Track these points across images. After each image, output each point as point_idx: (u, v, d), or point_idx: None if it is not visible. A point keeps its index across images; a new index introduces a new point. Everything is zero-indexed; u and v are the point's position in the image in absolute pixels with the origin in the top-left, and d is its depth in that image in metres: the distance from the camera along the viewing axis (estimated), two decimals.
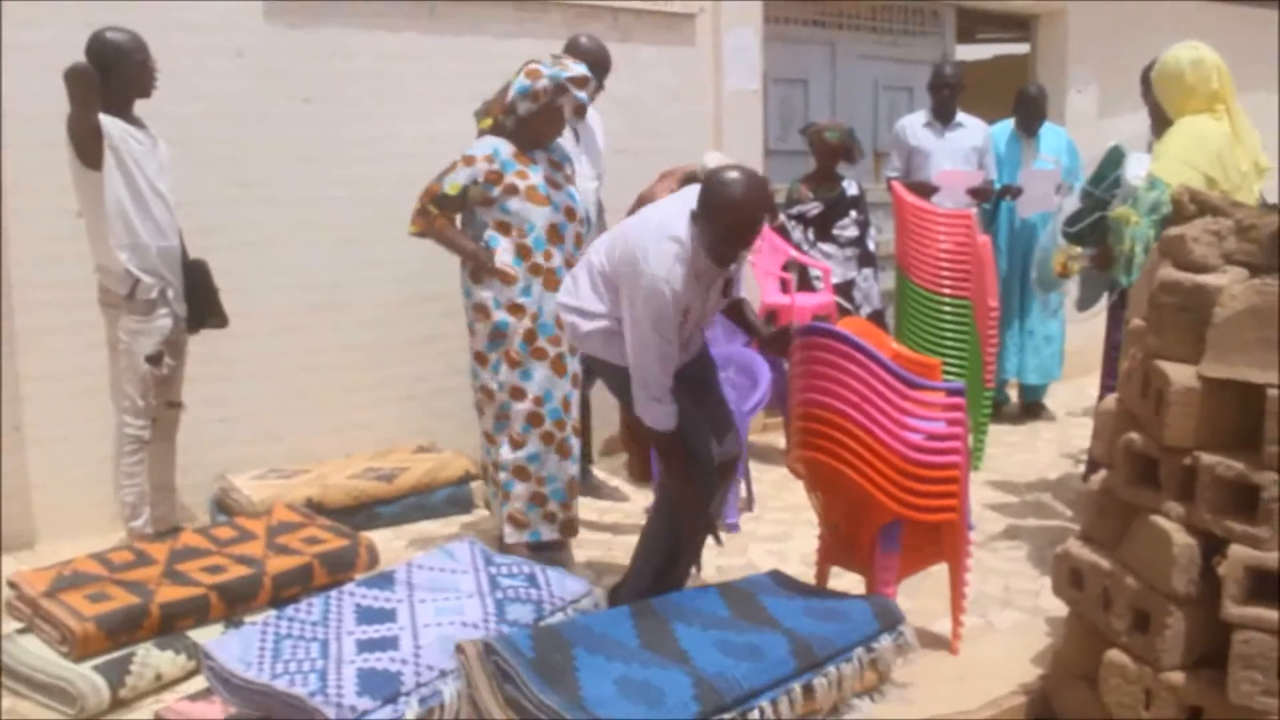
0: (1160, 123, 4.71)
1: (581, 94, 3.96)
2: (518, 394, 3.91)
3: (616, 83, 5.06)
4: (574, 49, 4.61)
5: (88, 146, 3.65)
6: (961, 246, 5.00)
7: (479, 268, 3.90)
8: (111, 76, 3.70)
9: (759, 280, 5.45)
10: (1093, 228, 4.09)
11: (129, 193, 3.72)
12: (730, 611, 3.08)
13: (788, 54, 6.26)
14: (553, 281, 3.92)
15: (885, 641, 3.00)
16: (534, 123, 3.92)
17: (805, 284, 5.63)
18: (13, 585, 3.38)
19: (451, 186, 3.88)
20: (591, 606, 3.34)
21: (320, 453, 4.83)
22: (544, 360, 3.93)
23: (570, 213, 4.01)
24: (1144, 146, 5.90)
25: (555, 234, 3.96)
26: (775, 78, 6.18)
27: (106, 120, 3.66)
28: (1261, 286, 2.49)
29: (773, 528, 4.47)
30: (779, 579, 3.38)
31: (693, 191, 3.16)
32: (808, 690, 2.78)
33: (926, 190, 5.61)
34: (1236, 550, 2.47)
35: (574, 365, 4.05)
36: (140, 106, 3.88)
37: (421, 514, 4.52)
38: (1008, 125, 6.23)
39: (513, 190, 3.88)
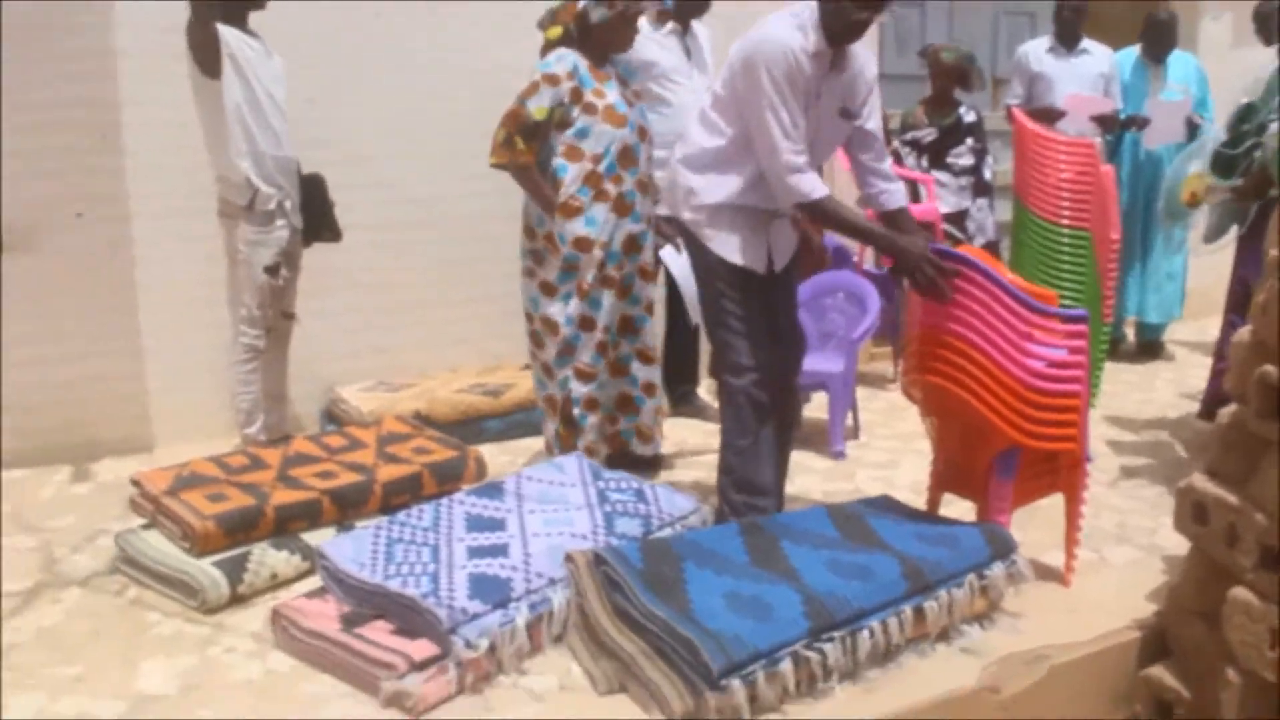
0: None
1: None
2: (587, 324, 3.83)
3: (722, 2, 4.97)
4: None
5: (206, 54, 3.69)
6: (1083, 176, 4.81)
7: (547, 212, 3.81)
8: None
9: None
10: (1245, 154, 3.89)
11: (247, 101, 3.76)
12: (839, 532, 3.06)
13: None
14: (623, 207, 3.81)
15: (997, 569, 2.95)
16: (606, 32, 3.76)
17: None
18: (136, 483, 3.50)
19: (538, 110, 3.69)
20: (699, 523, 3.35)
21: (422, 366, 4.90)
22: (612, 288, 3.85)
23: (643, 131, 3.88)
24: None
25: (629, 156, 3.82)
26: None
27: (223, 29, 3.69)
28: None
29: (881, 455, 4.42)
30: (889, 503, 3.35)
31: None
32: (918, 613, 2.76)
33: (1049, 116, 5.42)
34: None
35: (648, 291, 3.98)
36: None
37: (527, 431, 4.54)
38: (1133, 53, 5.98)
39: (590, 110, 3.73)
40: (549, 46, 3.85)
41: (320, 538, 3.23)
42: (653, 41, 4.45)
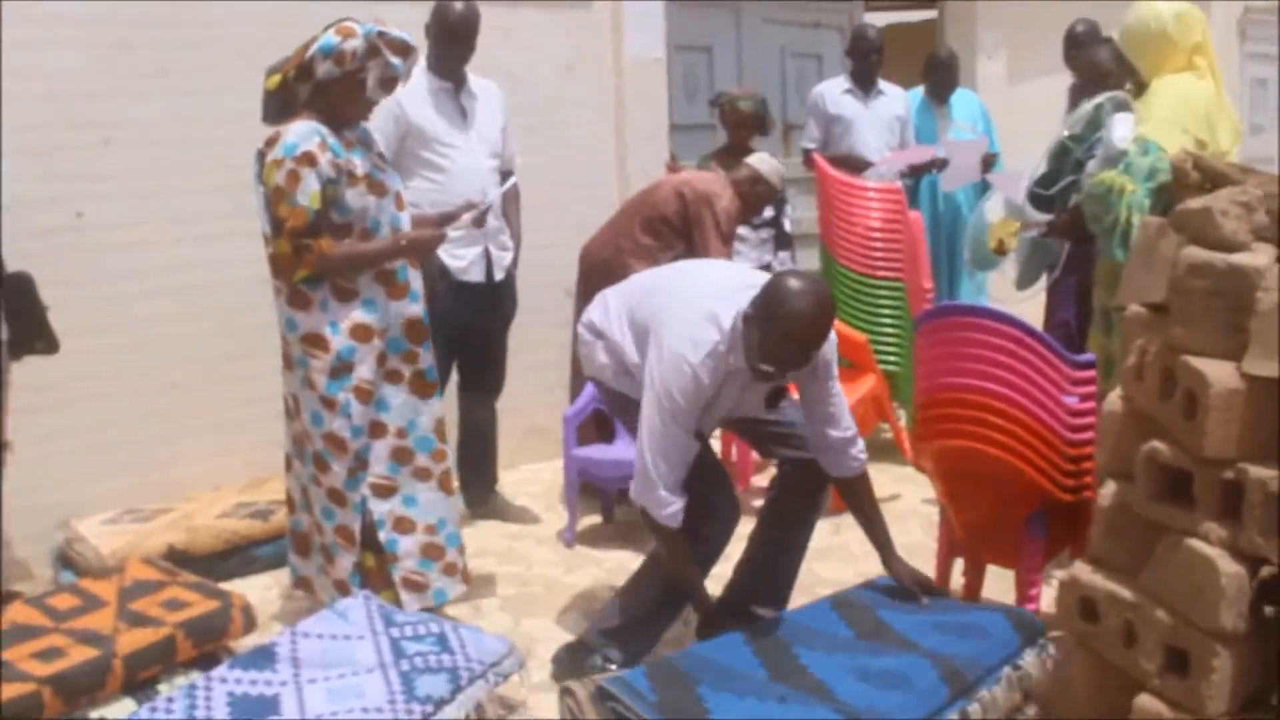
0: (1092, 83, 4.39)
1: (396, 61, 3.22)
2: (378, 430, 3.25)
3: (507, 51, 4.59)
4: (445, 13, 3.96)
5: None
6: (892, 224, 4.61)
7: (421, 253, 3.31)
8: None
9: None
10: (1062, 193, 3.70)
11: None
12: (853, 630, 2.80)
13: (690, 19, 5.77)
14: (398, 289, 3.27)
15: (1029, 656, 2.71)
16: (334, 91, 3.17)
17: None
18: None
19: (313, 199, 3.09)
20: (515, 668, 2.83)
21: (183, 485, 4.19)
22: (400, 383, 3.29)
23: (400, 201, 3.34)
24: (1061, 113, 5.62)
25: (395, 230, 3.29)
26: (677, 45, 5.68)
27: None
28: None
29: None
30: (889, 589, 3.03)
31: (749, 273, 3.03)
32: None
33: (854, 165, 5.19)
34: None
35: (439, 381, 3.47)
36: None
37: None
38: (917, 94, 5.91)
39: (352, 180, 3.18)
40: (268, 98, 3.25)
41: None
42: (421, 103, 3.94)
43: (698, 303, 2.85)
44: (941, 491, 3.24)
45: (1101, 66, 4.13)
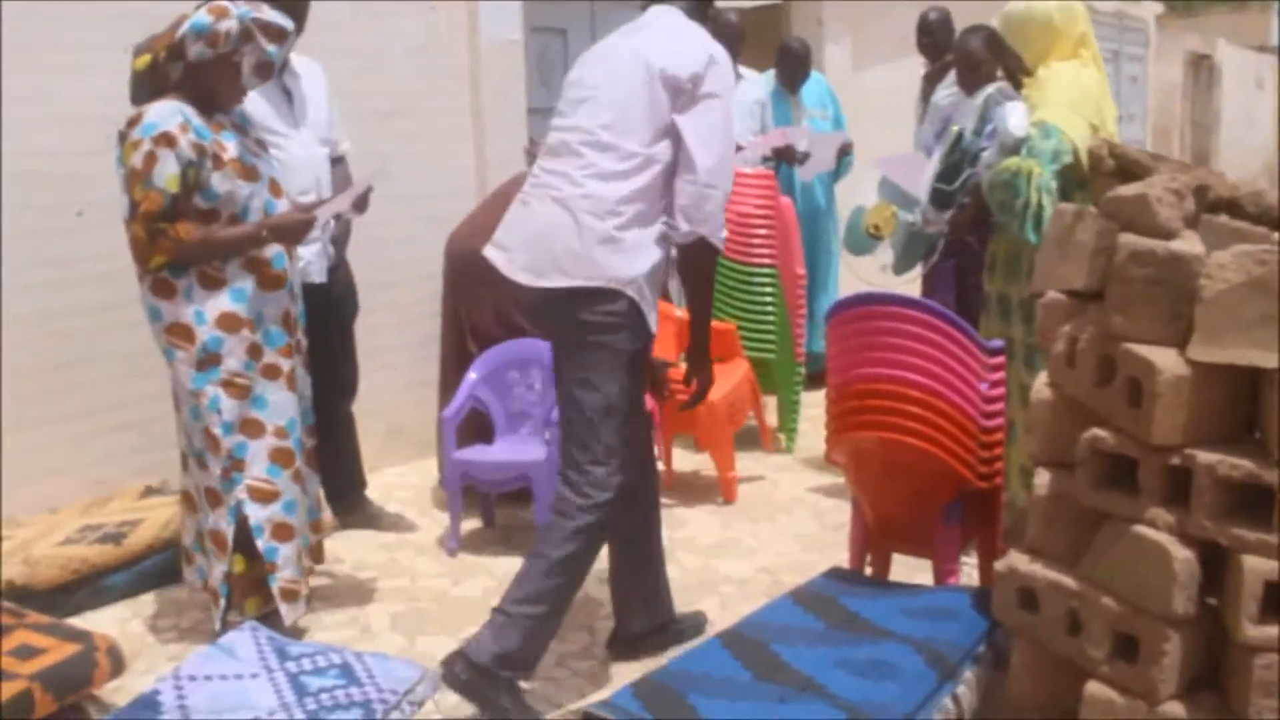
0: (964, 71, 4.43)
1: (271, 48, 3.07)
2: (254, 429, 3.04)
3: (354, 34, 4.34)
4: None
5: None
6: (766, 209, 4.55)
7: (288, 239, 3.08)
8: None
9: None
10: (963, 187, 3.69)
11: None
12: (824, 623, 2.73)
13: (544, 1, 5.57)
14: (271, 278, 3.08)
15: (1001, 635, 2.64)
16: (206, 74, 3.01)
17: None
18: None
19: (170, 182, 2.89)
20: (429, 693, 2.63)
21: (17, 510, 3.75)
22: (278, 379, 3.08)
23: (276, 187, 3.17)
24: (907, 98, 5.71)
25: (267, 216, 3.12)
26: (533, 27, 5.47)
27: None
28: (1261, 254, 2.11)
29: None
30: (844, 576, 3.07)
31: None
32: (956, 703, 2.49)
33: None
34: (1252, 562, 2.10)
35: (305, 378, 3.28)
36: None
37: (166, 578, 3.53)
38: (769, 80, 5.88)
39: (218, 164, 2.99)
40: (136, 80, 3.04)
41: None
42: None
43: (690, 27, 2.87)
44: (856, 484, 3.19)
45: (974, 55, 4.16)
